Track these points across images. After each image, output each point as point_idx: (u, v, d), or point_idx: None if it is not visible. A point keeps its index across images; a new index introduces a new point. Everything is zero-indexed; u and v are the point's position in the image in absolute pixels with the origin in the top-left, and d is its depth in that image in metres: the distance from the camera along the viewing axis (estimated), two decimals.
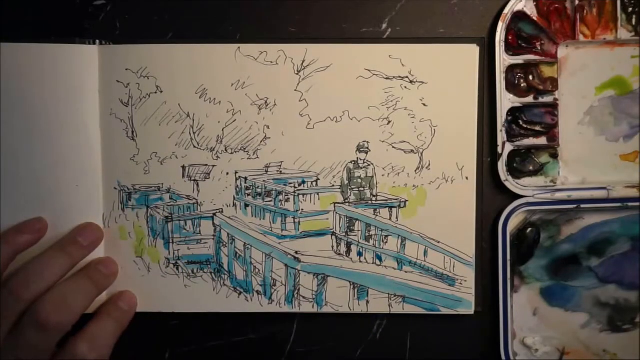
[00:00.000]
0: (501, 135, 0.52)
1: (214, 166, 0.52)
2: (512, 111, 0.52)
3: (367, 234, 0.53)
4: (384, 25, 0.52)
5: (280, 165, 0.52)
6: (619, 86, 0.53)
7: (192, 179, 0.52)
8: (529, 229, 0.54)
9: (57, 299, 0.46)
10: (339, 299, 0.53)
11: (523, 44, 0.52)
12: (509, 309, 0.53)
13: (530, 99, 0.52)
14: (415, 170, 0.52)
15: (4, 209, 0.50)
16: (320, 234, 0.53)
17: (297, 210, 0.53)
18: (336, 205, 0.53)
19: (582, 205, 0.53)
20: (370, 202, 0.53)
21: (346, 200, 0.53)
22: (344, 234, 0.53)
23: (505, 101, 0.52)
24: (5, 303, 0.45)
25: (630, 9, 0.51)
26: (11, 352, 0.45)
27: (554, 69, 0.52)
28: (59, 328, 0.46)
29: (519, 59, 0.52)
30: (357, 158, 0.52)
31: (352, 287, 0.53)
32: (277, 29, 0.52)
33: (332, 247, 0.53)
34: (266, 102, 0.51)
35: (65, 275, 0.48)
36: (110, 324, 0.49)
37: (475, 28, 0.52)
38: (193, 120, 0.52)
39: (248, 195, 0.53)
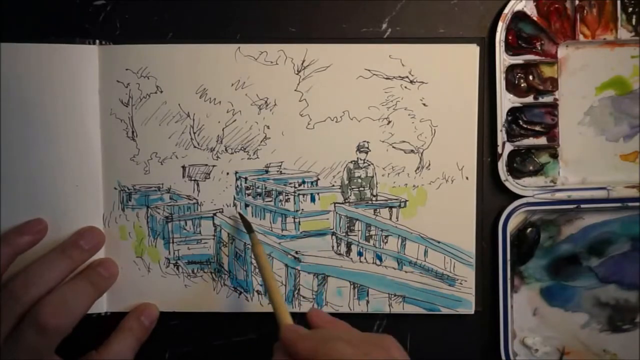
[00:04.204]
0: (501, 135, 0.52)
1: (214, 166, 0.52)
2: (512, 111, 0.52)
3: (367, 234, 0.53)
4: (384, 25, 0.52)
5: (280, 165, 0.52)
6: (619, 86, 0.53)
7: (192, 179, 0.52)
8: (529, 229, 0.54)
9: (57, 301, 0.46)
10: (339, 299, 0.53)
11: (523, 44, 0.52)
12: (509, 309, 0.53)
13: (530, 99, 0.52)
14: (415, 170, 0.52)
15: (3, 209, 0.50)
16: (320, 234, 0.53)
17: (297, 210, 0.53)
18: (336, 205, 0.53)
19: (582, 205, 0.53)
20: (370, 202, 0.53)
21: (346, 200, 0.53)
22: (344, 234, 0.53)
23: (505, 101, 0.52)
24: (5, 305, 0.45)
25: (630, 9, 0.52)
26: (11, 353, 0.45)
27: (554, 69, 0.52)
28: (59, 330, 0.46)
29: (519, 59, 0.52)
30: (357, 158, 0.52)
31: (352, 287, 0.53)
32: (277, 29, 0.52)
33: (332, 247, 0.53)
34: (266, 102, 0.52)
35: (65, 278, 0.48)
36: (132, 340, 0.50)
37: (475, 28, 0.52)
38: (193, 120, 0.52)
39: (248, 195, 0.53)
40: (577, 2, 0.51)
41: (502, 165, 0.52)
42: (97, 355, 0.48)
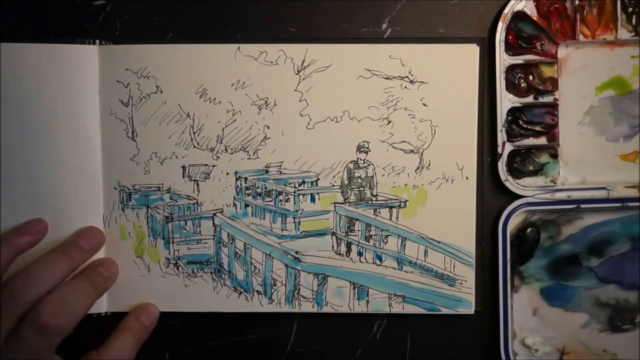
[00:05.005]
0: (501, 135, 0.52)
1: (214, 166, 0.52)
2: (512, 111, 0.52)
3: (367, 234, 0.53)
4: (384, 25, 0.52)
5: (280, 165, 0.52)
6: (619, 86, 0.53)
7: (192, 179, 0.52)
8: (529, 229, 0.54)
9: (57, 301, 0.46)
10: (339, 299, 0.53)
11: (523, 44, 0.52)
12: (509, 309, 0.53)
13: (530, 99, 0.52)
14: (415, 170, 0.52)
15: (4, 209, 0.50)
16: (320, 233, 0.53)
17: (297, 210, 0.53)
18: (336, 205, 0.53)
19: (582, 205, 0.53)
20: (370, 202, 0.53)
21: (346, 200, 0.53)
22: (344, 234, 0.53)
23: (505, 101, 0.52)
24: (6, 305, 0.45)
25: (630, 9, 0.52)
26: (11, 354, 0.45)
27: (554, 69, 0.52)
28: (59, 331, 0.46)
29: (519, 59, 0.52)
30: (357, 158, 0.52)
31: (352, 287, 0.53)
32: (277, 29, 0.52)
33: (332, 247, 0.53)
34: (266, 102, 0.51)
35: (66, 278, 0.49)
36: (132, 340, 0.50)
37: (475, 28, 0.52)
38: (193, 120, 0.52)
39: (248, 195, 0.53)
40: (577, 2, 0.51)
41: (502, 165, 0.52)
42: (97, 355, 0.48)
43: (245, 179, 0.52)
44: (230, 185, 0.52)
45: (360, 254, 0.53)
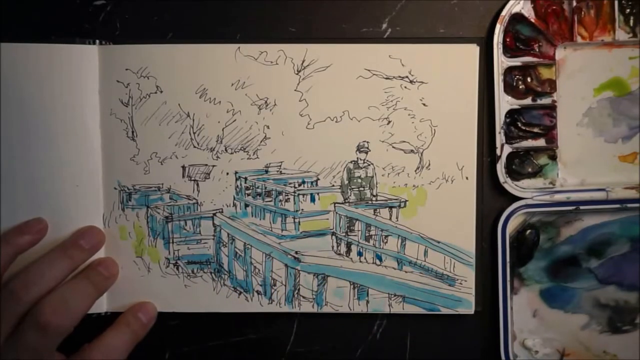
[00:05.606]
0: (500, 137, 0.52)
1: (214, 166, 0.52)
2: (511, 113, 0.52)
3: (367, 234, 0.53)
4: (384, 25, 0.52)
5: (280, 165, 0.52)
6: (617, 87, 0.53)
7: (192, 179, 0.52)
8: (528, 231, 0.54)
9: (57, 301, 0.46)
10: (339, 299, 0.53)
11: (521, 46, 0.52)
12: (508, 311, 0.53)
13: (528, 101, 0.52)
14: (415, 170, 0.52)
15: (4, 209, 0.50)
16: (320, 234, 0.53)
17: (297, 210, 0.53)
18: (336, 205, 0.53)
19: (581, 207, 0.53)
20: (370, 202, 0.53)
21: (346, 200, 0.53)
22: (344, 234, 0.53)
23: (504, 103, 0.52)
24: (6, 304, 0.45)
25: (628, 10, 0.52)
26: (11, 353, 0.45)
27: (552, 71, 0.52)
28: (59, 330, 0.45)
29: (516, 61, 0.52)
30: (357, 158, 0.52)
31: (352, 287, 0.53)
32: (277, 29, 0.53)
33: (332, 247, 0.53)
34: (266, 102, 0.52)
35: (66, 278, 0.48)
36: (127, 336, 0.49)
37: (475, 28, 0.53)
38: (193, 120, 0.52)
39: (248, 195, 0.53)
40: (574, 4, 0.51)
41: (500, 167, 0.52)
42: (89, 349, 0.47)
43: (245, 179, 0.52)
44: (230, 185, 0.52)
45: (360, 254, 0.53)
